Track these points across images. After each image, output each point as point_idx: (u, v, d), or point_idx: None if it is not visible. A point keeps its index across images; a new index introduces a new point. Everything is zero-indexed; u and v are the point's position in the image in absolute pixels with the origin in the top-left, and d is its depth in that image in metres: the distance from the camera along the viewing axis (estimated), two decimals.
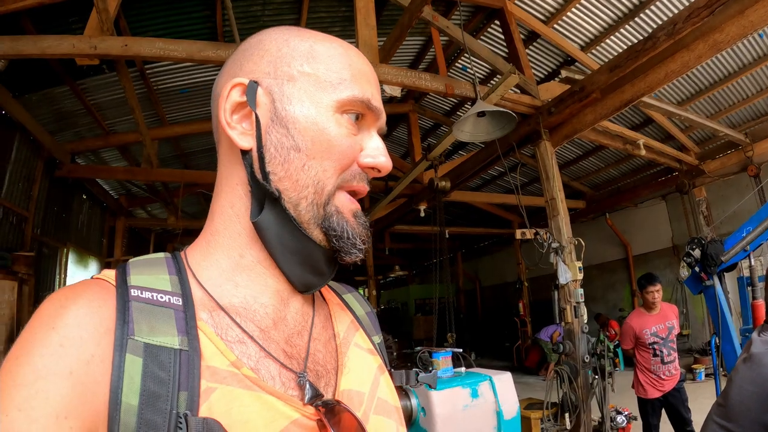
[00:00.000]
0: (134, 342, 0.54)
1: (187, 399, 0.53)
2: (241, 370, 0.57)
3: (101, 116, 7.10)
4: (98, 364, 0.52)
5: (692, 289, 4.57)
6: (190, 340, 0.56)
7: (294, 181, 0.63)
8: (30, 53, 4.25)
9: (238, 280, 0.65)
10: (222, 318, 0.61)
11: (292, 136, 0.63)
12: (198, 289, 0.63)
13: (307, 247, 0.65)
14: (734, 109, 7.75)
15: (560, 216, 5.58)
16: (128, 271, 0.61)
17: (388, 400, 0.74)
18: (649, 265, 11.19)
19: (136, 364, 0.52)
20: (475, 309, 18.42)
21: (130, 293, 0.57)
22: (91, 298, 0.56)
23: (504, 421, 3.59)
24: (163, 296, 0.59)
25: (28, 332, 0.53)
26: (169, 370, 0.53)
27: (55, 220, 7.47)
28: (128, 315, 0.55)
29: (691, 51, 4.23)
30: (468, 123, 4.53)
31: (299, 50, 0.66)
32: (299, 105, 0.64)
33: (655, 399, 4.74)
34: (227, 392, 0.55)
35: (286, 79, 0.65)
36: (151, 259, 0.65)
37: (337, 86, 0.65)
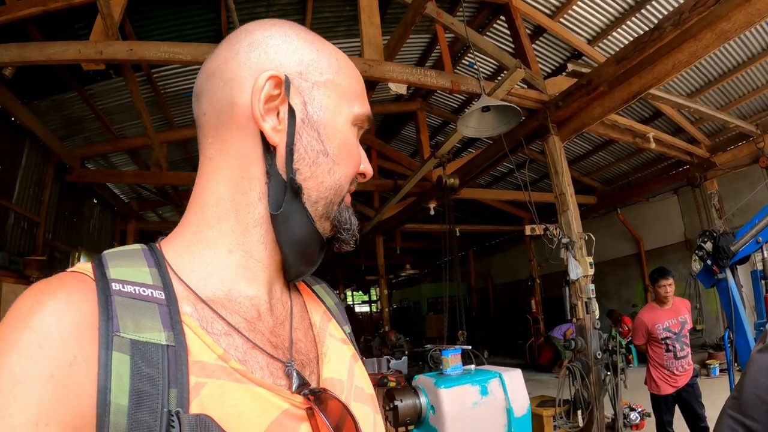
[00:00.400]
0: (120, 339, 0.51)
1: (177, 396, 0.51)
2: (229, 363, 0.57)
3: (110, 121, 7.16)
4: (81, 365, 0.49)
5: (704, 283, 4.51)
6: (176, 335, 0.54)
7: (319, 183, 0.67)
8: (37, 60, 4.29)
9: (224, 275, 0.65)
10: (206, 311, 0.60)
11: (321, 141, 0.67)
12: (178, 283, 0.61)
13: (314, 238, 0.69)
14: (744, 100, 7.65)
15: (570, 211, 5.54)
16: (105, 263, 0.58)
17: (364, 387, 0.75)
18: (662, 260, 11.08)
19: (123, 363, 0.50)
20: (488, 307, 18.36)
21: (111, 287, 0.55)
22: (70, 292, 0.53)
23: (514, 419, 3.56)
24: (145, 290, 0.57)
25: (3, 333, 0.49)
26: (158, 367, 0.51)
27: (66, 225, 7.55)
28: (112, 310, 0.53)
29: (699, 41, 4.17)
30: (473, 118, 4.50)
31: (329, 57, 0.70)
32: (328, 112, 0.68)
33: (668, 395, 4.68)
34: (218, 386, 0.54)
35: (315, 84, 0.68)
36: (128, 251, 0.63)
37: (354, 100, 0.71)
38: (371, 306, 28.92)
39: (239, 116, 0.65)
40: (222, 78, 0.66)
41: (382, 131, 11.06)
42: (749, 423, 1.32)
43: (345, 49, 7.20)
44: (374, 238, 12.00)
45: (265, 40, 0.67)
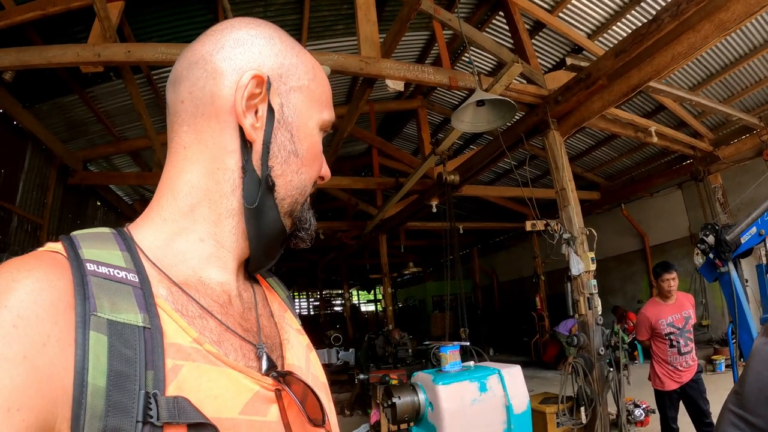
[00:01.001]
0: (97, 319, 0.51)
1: (154, 378, 0.51)
2: (204, 346, 0.57)
3: (111, 123, 7.19)
4: (55, 345, 0.48)
5: (707, 277, 4.49)
6: (151, 317, 0.55)
7: (288, 181, 0.70)
8: (36, 63, 4.33)
9: (195, 262, 0.66)
10: (180, 294, 0.61)
11: (293, 142, 0.70)
12: (151, 267, 0.61)
13: (279, 233, 0.72)
14: (747, 93, 7.58)
15: (571, 206, 5.51)
16: (77, 243, 0.58)
17: (319, 376, 0.79)
18: (666, 255, 11.02)
19: (101, 343, 0.50)
20: (493, 304, 18.33)
21: (86, 267, 0.54)
22: (46, 270, 0.52)
23: (514, 416, 3.55)
24: (119, 272, 0.56)
25: None
26: (135, 349, 0.51)
27: (69, 227, 7.57)
28: (88, 290, 0.52)
29: (697, 32, 4.13)
30: (467, 113, 4.48)
31: (306, 64, 0.74)
32: (301, 116, 0.71)
33: (672, 391, 4.66)
34: (194, 368, 0.55)
35: (292, 88, 0.71)
36: (99, 234, 0.62)
37: (324, 107, 0.75)
38: (376, 305, 28.92)
39: (219, 109, 0.66)
40: (205, 69, 0.67)
41: (383, 129, 11.06)
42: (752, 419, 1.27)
43: (343, 47, 7.21)
44: (377, 236, 11.99)
45: (251, 39, 0.70)
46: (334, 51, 7.05)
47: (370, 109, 8.77)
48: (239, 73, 0.66)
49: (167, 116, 0.71)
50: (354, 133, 8.39)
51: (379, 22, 5.04)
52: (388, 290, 12.21)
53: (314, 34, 6.80)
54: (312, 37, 6.77)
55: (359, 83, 6.10)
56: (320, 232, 12.60)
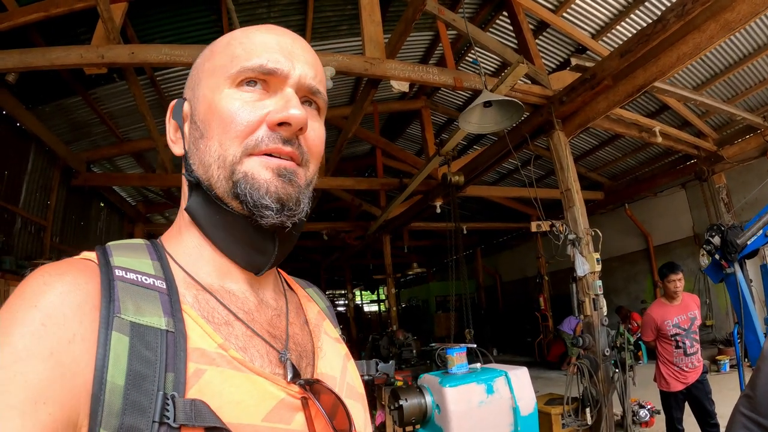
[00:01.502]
0: (120, 320, 0.53)
1: (174, 380, 0.52)
2: (229, 352, 0.58)
3: (114, 124, 7.20)
4: (80, 343, 0.50)
5: (713, 278, 4.47)
6: (176, 322, 0.56)
7: (203, 165, 0.65)
8: (39, 65, 4.33)
9: (208, 269, 0.67)
10: (208, 300, 0.63)
11: (198, 128, 0.67)
12: (180, 272, 0.64)
13: (232, 221, 0.65)
14: (751, 92, 7.56)
15: (576, 207, 5.50)
16: (109, 252, 0.61)
17: (356, 386, 0.77)
18: (670, 255, 11.00)
19: (122, 343, 0.52)
20: (496, 304, 18.32)
21: (114, 273, 0.57)
22: (76, 275, 0.55)
23: (521, 417, 3.54)
24: (147, 278, 0.59)
25: (7, 311, 0.51)
26: (156, 351, 0.53)
27: (73, 228, 7.60)
28: (114, 293, 0.55)
29: (703, 32, 4.12)
30: (474, 114, 4.47)
31: (204, 56, 0.72)
32: (202, 98, 0.68)
33: (678, 392, 4.64)
34: (218, 373, 0.56)
35: (196, 84, 0.70)
36: (132, 244, 0.66)
37: (228, 66, 0.66)
38: (379, 305, 28.95)
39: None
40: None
41: (386, 130, 11.05)
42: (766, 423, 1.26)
43: (347, 48, 7.21)
44: (381, 237, 11.99)
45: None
46: (339, 51, 7.05)
47: (374, 110, 8.77)
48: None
49: None
50: (357, 134, 8.38)
51: (383, 23, 5.05)
52: (392, 291, 12.22)
53: (318, 35, 6.80)
54: (316, 37, 6.77)
55: (363, 84, 6.09)
56: (324, 232, 12.60)
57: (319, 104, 0.72)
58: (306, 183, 0.68)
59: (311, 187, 0.70)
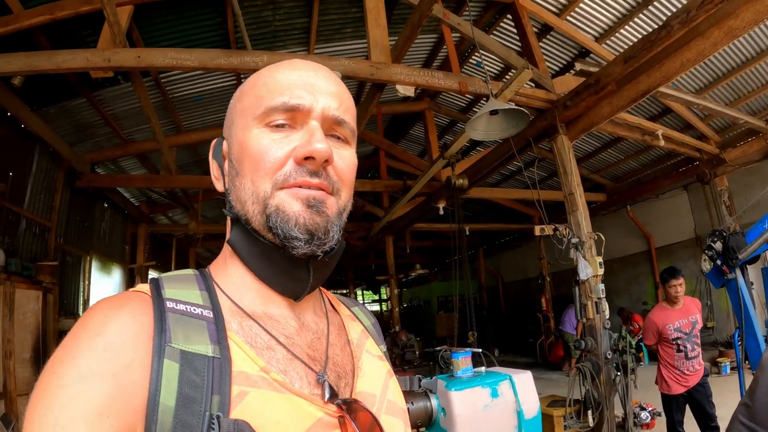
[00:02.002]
0: (171, 349, 0.58)
1: (219, 402, 0.57)
2: (270, 374, 0.63)
3: (119, 126, 7.21)
4: (137, 368, 0.56)
5: (714, 283, 4.49)
6: (222, 348, 0.61)
7: (241, 201, 0.70)
8: (45, 69, 4.33)
9: (251, 296, 0.72)
10: (251, 326, 0.68)
11: (234, 166, 0.72)
12: (227, 301, 0.70)
13: (269, 252, 0.70)
14: (754, 96, 7.57)
15: (579, 211, 5.52)
16: (162, 284, 0.67)
17: (397, 402, 0.80)
18: (672, 256, 11.01)
19: (173, 369, 0.57)
20: (498, 305, 18.32)
21: (165, 305, 0.63)
22: (133, 307, 0.61)
23: (525, 421, 3.57)
24: (195, 309, 0.65)
25: (73, 338, 0.57)
26: (203, 376, 0.58)
27: (77, 229, 7.62)
28: (165, 324, 0.60)
29: (707, 39, 4.14)
30: (481, 121, 4.50)
31: (235, 97, 0.77)
32: (235, 138, 0.73)
33: (679, 395, 4.66)
34: (259, 395, 0.60)
35: (230, 125, 0.76)
36: (182, 275, 0.71)
37: (255, 107, 0.71)
38: (381, 305, 28.95)
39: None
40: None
41: (390, 131, 11.07)
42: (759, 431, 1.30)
43: (352, 50, 7.22)
44: (384, 238, 12.01)
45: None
46: (343, 54, 7.08)
47: (377, 112, 8.78)
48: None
49: None
50: (361, 135, 8.40)
51: (388, 25, 5.05)
52: (394, 292, 12.23)
53: (323, 37, 6.82)
54: (321, 40, 6.79)
55: (368, 87, 6.11)
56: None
57: (345, 134, 0.74)
58: (337, 212, 0.71)
59: (344, 215, 0.74)
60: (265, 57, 4.65)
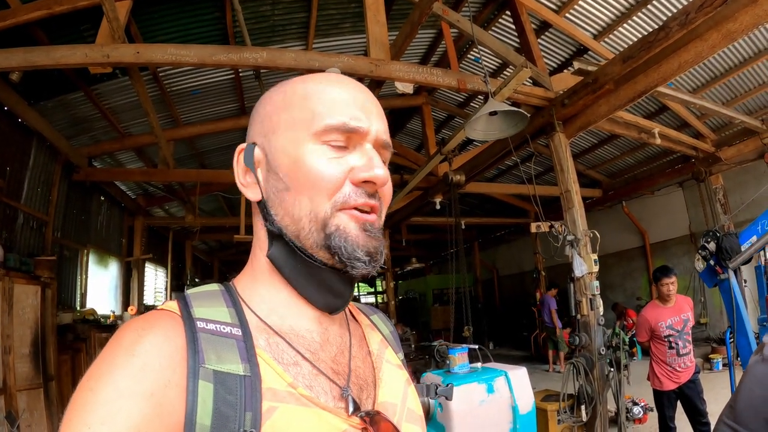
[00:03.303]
0: (205, 370, 0.60)
1: (252, 418, 0.59)
2: (297, 389, 0.65)
3: (116, 119, 7.19)
4: (174, 388, 0.58)
5: (707, 282, 4.55)
6: (251, 366, 0.63)
7: (291, 217, 0.70)
8: (43, 64, 4.31)
9: (280, 311, 0.73)
10: (278, 343, 0.69)
11: (282, 180, 0.71)
12: (253, 317, 0.70)
13: (316, 270, 0.71)
14: (750, 96, 7.62)
15: (575, 208, 5.56)
16: (190, 303, 0.67)
17: (415, 409, 0.81)
18: (666, 253, 11.10)
19: (208, 389, 0.59)
20: (493, 298, 18.40)
21: (196, 325, 0.64)
22: (166, 327, 0.63)
23: (519, 416, 3.62)
24: (225, 327, 0.66)
25: (108, 356, 0.59)
26: (236, 394, 0.60)
27: (74, 223, 7.62)
28: (198, 345, 0.62)
29: (704, 41, 4.17)
30: (480, 121, 4.53)
31: (277, 103, 0.75)
32: (282, 150, 0.72)
33: (670, 391, 4.73)
34: (287, 410, 0.62)
35: (271, 133, 0.74)
36: (209, 292, 0.72)
37: (311, 122, 0.70)
38: (376, 297, 29.00)
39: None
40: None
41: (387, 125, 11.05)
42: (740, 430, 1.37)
43: (351, 46, 7.21)
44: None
45: (249, 120, 0.80)
46: (342, 50, 7.07)
47: None
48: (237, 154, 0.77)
49: None
50: None
51: (387, 21, 5.05)
52: (390, 285, 12.29)
53: (321, 32, 6.81)
54: (319, 35, 6.78)
55: (366, 83, 6.12)
56: None
57: (388, 157, 0.78)
58: (382, 232, 0.75)
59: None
60: (264, 53, 4.65)
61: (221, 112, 7.95)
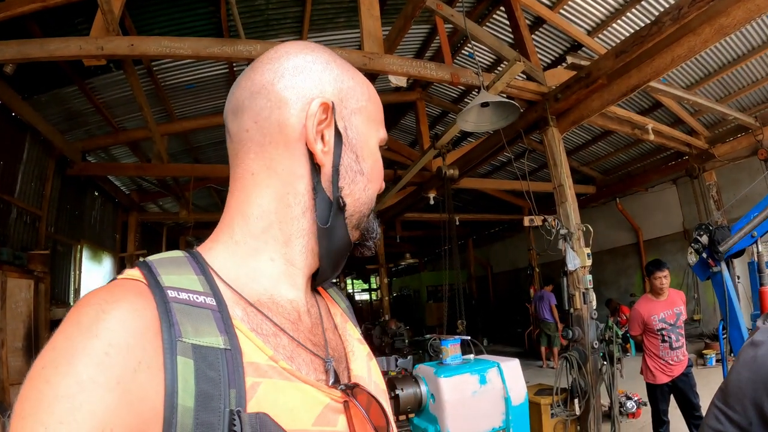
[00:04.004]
0: (183, 344, 0.54)
1: (236, 396, 0.54)
2: (279, 363, 0.61)
3: (110, 114, 7.17)
4: (145, 370, 0.51)
5: (700, 276, 4.57)
6: (230, 338, 0.58)
7: (356, 199, 0.74)
8: (37, 57, 4.28)
9: (266, 281, 0.69)
10: (255, 314, 0.64)
11: (358, 162, 0.74)
12: (226, 289, 0.64)
13: (347, 246, 0.76)
14: (744, 93, 7.66)
15: (568, 202, 5.58)
16: (156, 271, 0.61)
17: (379, 383, 0.81)
18: (660, 249, 11.14)
19: (188, 366, 0.53)
20: (487, 295, 18.45)
21: (167, 294, 0.57)
22: (132, 300, 0.55)
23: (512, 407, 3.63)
24: (198, 297, 0.60)
25: (66, 339, 0.51)
26: (219, 370, 0.55)
27: (68, 218, 7.59)
28: (172, 317, 0.55)
29: (697, 35, 4.20)
30: (472, 113, 4.53)
31: (362, 85, 0.77)
32: (363, 136, 0.75)
33: (663, 384, 4.76)
34: (271, 385, 0.59)
35: (352, 111, 0.74)
36: (173, 258, 0.65)
37: (379, 126, 0.79)
38: (371, 294, 29.03)
39: (288, 137, 0.69)
40: (268, 98, 0.70)
41: None
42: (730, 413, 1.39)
43: (345, 40, 7.21)
44: None
45: (309, 66, 0.72)
46: (336, 44, 7.06)
47: None
48: (305, 101, 0.69)
49: (229, 143, 0.74)
50: None
51: (381, 15, 5.05)
52: (384, 281, 12.30)
53: (316, 26, 6.80)
54: (313, 29, 6.77)
55: None
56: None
57: None
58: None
59: None
60: (258, 46, 4.64)
61: (215, 107, 7.93)
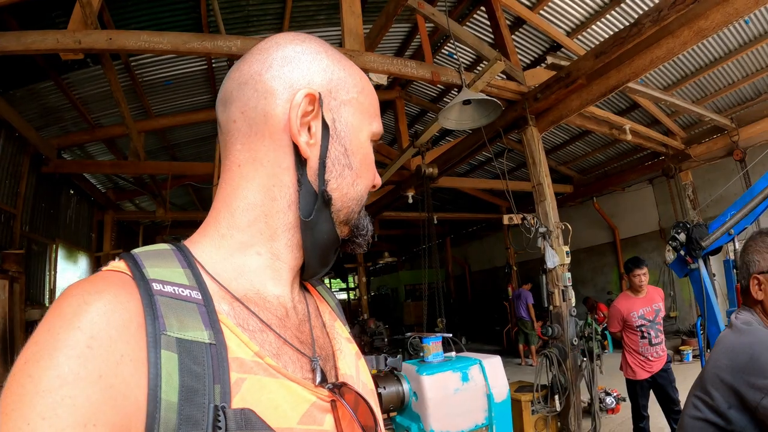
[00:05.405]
0: (168, 338, 0.53)
1: (221, 391, 0.54)
2: (265, 359, 0.60)
3: (87, 110, 7.03)
4: (128, 364, 0.50)
5: (678, 273, 4.64)
6: (216, 333, 0.57)
7: (343, 194, 0.71)
8: (13, 50, 4.18)
9: (252, 276, 0.68)
10: (241, 309, 0.63)
11: (347, 156, 0.72)
12: (212, 283, 0.63)
13: (334, 242, 0.74)
14: (720, 94, 7.82)
15: (547, 201, 5.64)
16: (141, 263, 0.60)
17: (367, 383, 0.80)
18: (636, 248, 11.31)
19: (172, 361, 0.52)
20: (465, 293, 18.55)
21: (152, 287, 0.56)
22: (116, 291, 0.54)
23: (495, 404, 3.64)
24: (183, 290, 0.59)
25: (47, 332, 0.50)
26: (203, 365, 0.54)
27: (43, 217, 7.41)
28: (157, 310, 0.54)
29: (676, 38, 4.27)
30: (453, 111, 4.55)
31: (354, 76, 0.75)
32: (353, 129, 0.73)
33: (643, 380, 4.84)
34: (256, 381, 0.57)
35: (342, 102, 0.72)
36: (160, 251, 0.64)
37: (373, 118, 0.76)
38: (349, 293, 28.96)
39: (273, 127, 0.68)
40: (255, 89, 0.68)
41: None
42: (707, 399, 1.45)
43: (325, 38, 7.12)
44: None
45: (297, 56, 0.70)
46: None
47: None
48: (291, 92, 0.68)
49: (219, 135, 0.73)
50: None
51: (362, 13, 5.03)
52: (362, 280, 12.28)
53: (296, 24, 6.76)
54: (294, 27, 6.72)
55: None
56: None
57: None
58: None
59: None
60: (238, 42, 4.59)
61: (194, 104, 7.83)
